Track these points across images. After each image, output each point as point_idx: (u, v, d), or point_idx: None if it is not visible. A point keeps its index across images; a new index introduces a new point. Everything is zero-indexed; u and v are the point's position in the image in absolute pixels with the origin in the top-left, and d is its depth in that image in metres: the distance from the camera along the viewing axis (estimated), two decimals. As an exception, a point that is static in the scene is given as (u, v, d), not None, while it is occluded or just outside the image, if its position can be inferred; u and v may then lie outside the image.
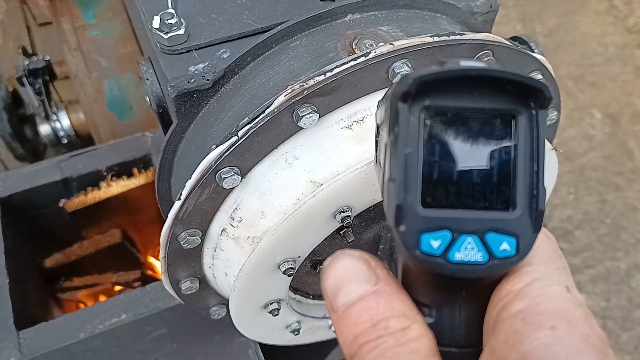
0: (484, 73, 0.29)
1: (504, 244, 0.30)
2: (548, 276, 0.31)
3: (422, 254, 0.30)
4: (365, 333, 0.31)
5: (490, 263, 0.30)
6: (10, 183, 1.09)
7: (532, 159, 0.30)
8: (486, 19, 0.65)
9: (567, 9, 2.62)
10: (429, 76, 0.29)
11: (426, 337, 0.31)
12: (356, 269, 0.33)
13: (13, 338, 0.88)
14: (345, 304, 0.33)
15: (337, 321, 0.33)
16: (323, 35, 0.57)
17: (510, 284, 0.31)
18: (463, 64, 0.29)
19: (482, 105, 0.30)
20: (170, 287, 0.65)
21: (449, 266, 0.30)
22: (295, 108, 0.51)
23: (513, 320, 0.30)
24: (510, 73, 0.29)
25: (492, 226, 0.30)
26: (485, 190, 0.30)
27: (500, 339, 0.30)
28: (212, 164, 0.52)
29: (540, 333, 0.29)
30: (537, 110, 0.30)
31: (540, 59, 0.60)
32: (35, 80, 1.36)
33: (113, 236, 1.17)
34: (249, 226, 0.58)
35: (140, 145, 1.14)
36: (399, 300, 0.32)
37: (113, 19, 1.25)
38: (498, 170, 0.30)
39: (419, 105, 0.30)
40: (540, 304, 0.30)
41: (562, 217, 2.01)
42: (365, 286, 0.33)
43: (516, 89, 0.30)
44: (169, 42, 0.57)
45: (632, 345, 1.74)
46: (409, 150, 0.30)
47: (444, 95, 0.30)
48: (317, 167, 0.54)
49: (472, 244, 0.30)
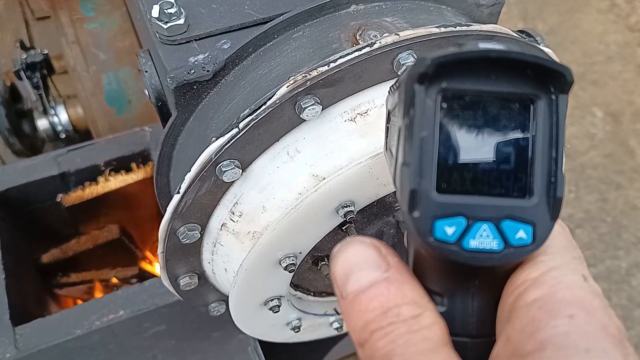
0: (504, 55, 0.28)
1: (520, 232, 0.29)
2: (564, 265, 0.31)
3: (435, 241, 0.29)
4: (377, 320, 0.31)
5: (505, 251, 0.29)
6: (7, 177, 1.08)
7: (550, 146, 0.29)
8: (492, 12, 0.63)
9: (568, 6, 2.61)
10: (447, 57, 0.28)
11: (438, 325, 0.31)
12: (367, 255, 0.32)
13: (9, 334, 0.87)
14: (355, 291, 0.32)
15: (346, 308, 0.32)
16: (326, 26, 0.56)
17: (526, 272, 0.31)
18: (482, 45, 0.28)
19: (501, 88, 0.29)
20: (169, 283, 0.64)
21: (463, 254, 0.29)
22: (297, 99, 0.50)
23: (530, 308, 0.29)
24: (530, 55, 0.28)
25: (508, 213, 0.29)
26: (501, 176, 0.29)
27: (516, 327, 0.29)
28: (212, 156, 0.51)
29: (559, 321, 0.28)
30: (557, 95, 0.29)
31: (547, 52, 0.59)
32: (33, 74, 1.34)
33: (111, 232, 1.16)
34: (249, 221, 0.57)
35: (138, 139, 1.13)
36: (411, 288, 0.32)
37: (112, 12, 1.23)
38: (515, 157, 0.29)
39: (436, 88, 0.29)
40: (558, 292, 0.29)
41: (562, 216, 1.99)
42: (375, 273, 0.32)
43: (536, 73, 0.29)
44: (169, 32, 0.56)
45: (633, 344, 1.73)
46: (424, 134, 0.29)
47: (461, 77, 0.29)
48: (320, 161, 0.53)
49: (487, 231, 0.29)
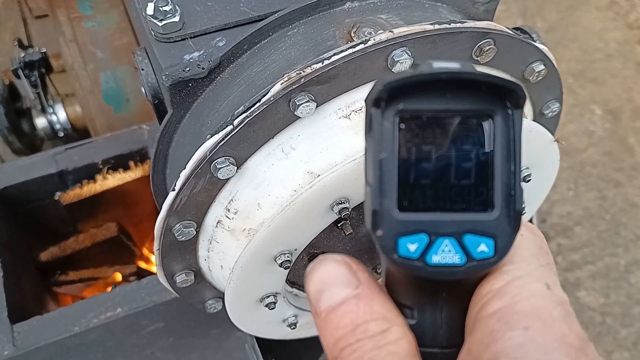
0: (455, 76, 0.29)
1: (482, 246, 0.30)
2: (529, 274, 0.31)
3: (400, 258, 0.30)
4: (346, 337, 0.32)
5: (468, 265, 0.30)
6: (5, 175, 1.08)
7: (509, 159, 0.30)
8: (487, 8, 0.64)
9: (568, 4, 2.61)
10: (399, 81, 0.29)
11: (405, 339, 0.31)
12: (338, 272, 0.33)
13: (7, 332, 0.87)
14: (327, 308, 0.33)
15: (320, 325, 0.33)
16: (321, 23, 0.56)
17: (490, 283, 0.31)
18: (436, 65, 0.29)
19: (457, 106, 0.30)
20: (165, 280, 0.64)
21: (427, 269, 0.30)
22: (292, 96, 0.50)
23: (490, 319, 0.30)
24: (481, 74, 0.29)
25: (469, 228, 0.30)
26: (462, 192, 0.30)
27: (476, 338, 0.30)
28: (206, 153, 0.51)
29: (514, 333, 0.29)
30: (513, 110, 0.30)
31: (543, 49, 0.59)
32: (31, 72, 1.34)
33: (109, 230, 1.16)
34: (244, 218, 0.57)
35: (136, 137, 1.13)
36: (380, 303, 0.32)
37: (109, 11, 1.23)
38: (475, 172, 0.30)
39: (393, 110, 0.30)
40: (518, 304, 0.30)
41: (561, 213, 2.00)
42: (346, 290, 0.33)
43: (490, 90, 0.29)
44: (164, 29, 0.56)
45: (631, 341, 1.73)
46: (383, 155, 0.30)
47: (418, 98, 0.30)
48: (315, 158, 0.53)
49: (449, 246, 0.30)
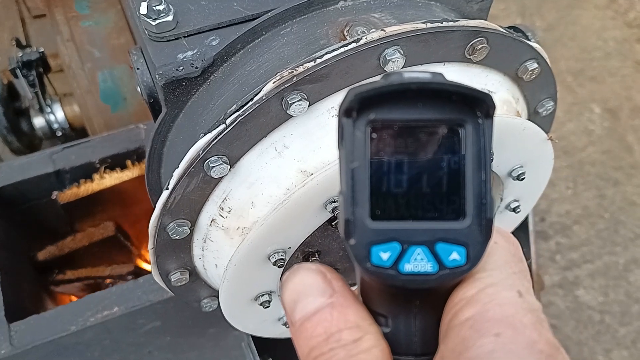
0: (425, 86, 0.29)
1: (454, 254, 0.30)
2: (501, 282, 0.31)
3: (372, 266, 0.30)
4: (319, 346, 0.32)
5: (440, 273, 0.30)
6: (2, 175, 1.08)
7: (479, 168, 0.30)
8: (482, 7, 0.64)
9: (566, 3, 2.61)
10: (369, 92, 0.29)
11: (378, 348, 0.31)
12: (312, 282, 0.33)
13: (4, 330, 0.87)
14: (301, 318, 0.33)
15: (294, 335, 0.33)
16: (314, 22, 0.56)
17: (463, 291, 0.31)
18: (407, 75, 0.29)
19: (428, 116, 0.30)
20: (160, 279, 0.64)
21: (399, 277, 0.30)
22: (284, 95, 0.50)
23: (462, 327, 0.30)
24: (451, 84, 0.29)
25: (441, 236, 0.30)
26: (434, 200, 0.31)
27: (448, 346, 0.30)
28: (199, 152, 0.51)
29: (485, 340, 0.29)
30: (483, 120, 0.30)
31: (536, 47, 0.59)
32: (29, 72, 1.34)
33: (106, 229, 1.16)
34: (238, 216, 0.57)
35: (133, 137, 1.13)
36: (353, 312, 0.32)
37: (107, 10, 1.23)
38: (446, 181, 0.30)
39: (364, 119, 0.30)
40: (489, 311, 0.30)
41: (560, 212, 2.00)
42: (320, 299, 0.33)
43: (461, 99, 0.30)
44: (157, 29, 0.56)
45: (630, 340, 1.73)
46: (355, 165, 0.30)
47: (389, 107, 0.30)
48: (308, 156, 0.53)
49: (421, 254, 0.30)
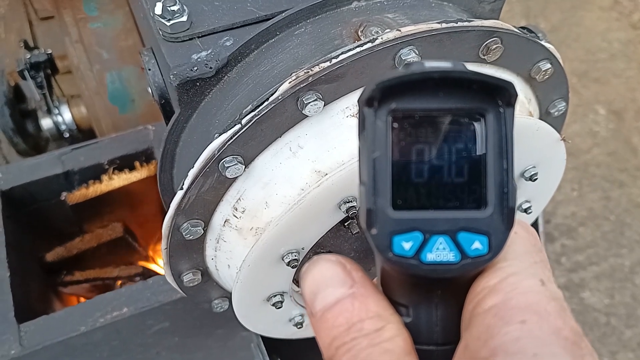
0: (446, 75, 0.29)
1: (476, 243, 0.30)
2: (523, 271, 0.32)
3: (394, 256, 0.31)
4: (341, 336, 0.32)
5: (463, 262, 0.30)
6: (12, 176, 1.08)
7: (501, 157, 0.30)
8: (493, 8, 0.64)
9: (571, 4, 2.61)
10: (391, 80, 0.29)
11: (401, 337, 0.32)
12: (332, 273, 0.34)
13: (14, 331, 0.87)
14: (322, 308, 0.33)
15: (315, 325, 0.34)
16: (328, 22, 0.56)
17: (485, 280, 0.32)
18: (428, 65, 0.29)
19: (449, 105, 0.30)
20: (172, 279, 0.65)
21: (421, 267, 0.30)
22: (299, 95, 0.50)
23: (486, 315, 0.30)
24: (472, 73, 0.29)
25: (463, 226, 0.30)
26: (455, 190, 0.31)
27: (473, 334, 0.30)
28: (215, 152, 0.52)
29: (511, 327, 0.29)
30: (505, 108, 0.30)
31: (549, 48, 0.59)
32: (37, 73, 1.35)
33: (115, 230, 1.17)
34: (252, 217, 0.57)
35: (142, 138, 1.13)
36: (374, 302, 0.33)
37: (115, 12, 1.24)
38: (468, 170, 0.31)
39: (386, 109, 0.30)
40: (513, 299, 0.30)
41: (566, 214, 2.00)
42: (341, 289, 0.33)
43: (482, 88, 0.30)
44: (172, 29, 0.56)
45: (636, 342, 1.73)
46: (377, 154, 0.30)
47: (410, 97, 0.30)
48: (322, 157, 0.53)
49: (443, 244, 0.30)
